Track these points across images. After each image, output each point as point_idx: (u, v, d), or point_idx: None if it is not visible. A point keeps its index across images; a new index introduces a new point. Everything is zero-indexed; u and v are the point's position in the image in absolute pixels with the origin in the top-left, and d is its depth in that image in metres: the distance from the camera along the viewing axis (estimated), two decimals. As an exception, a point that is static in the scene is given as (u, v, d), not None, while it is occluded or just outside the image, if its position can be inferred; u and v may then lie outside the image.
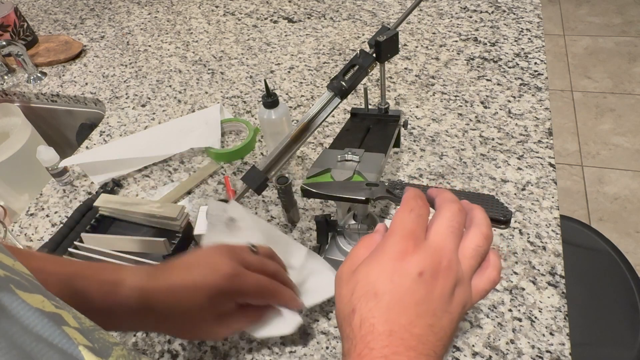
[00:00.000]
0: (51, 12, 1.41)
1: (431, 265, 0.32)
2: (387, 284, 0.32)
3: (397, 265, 0.32)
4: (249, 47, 1.11)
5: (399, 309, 0.31)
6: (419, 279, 0.32)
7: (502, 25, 1.04)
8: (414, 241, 0.33)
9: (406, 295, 0.31)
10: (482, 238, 0.34)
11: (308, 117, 0.55)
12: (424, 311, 0.31)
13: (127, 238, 0.67)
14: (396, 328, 0.31)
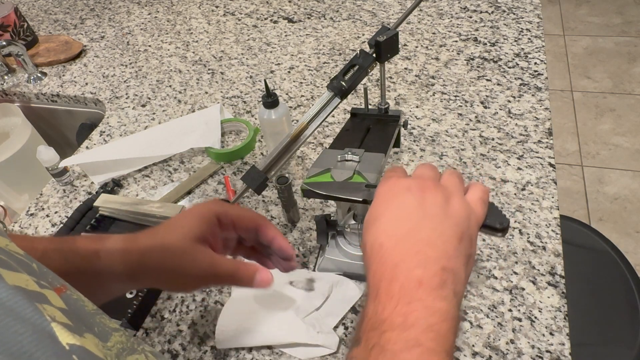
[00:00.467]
0: (51, 12, 1.41)
1: (417, 183, 0.36)
2: (384, 207, 0.35)
3: (389, 191, 0.36)
4: (249, 47, 1.11)
5: (396, 222, 0.34)
6: (408, 192, 0.35)
7: (502, 25, 1.04)
8: (402, 174, 0.39)
9: (401, 208, 0.34)
10: (456, 176, 0.39)
11: (308, 117, 0.55)
12: (423, 216, 0.33)
13: (127, 238, 0.67)
14: (400, 238, 0.33)
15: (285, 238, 0.48)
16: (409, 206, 0.35)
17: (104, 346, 0.25)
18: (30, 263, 0.26)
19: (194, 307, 0.61)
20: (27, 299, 0.21)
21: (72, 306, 0.27)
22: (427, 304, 0.29)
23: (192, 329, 0.59)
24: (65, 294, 0.27)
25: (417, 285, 0.30)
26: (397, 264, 0.31)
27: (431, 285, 0.30)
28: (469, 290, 0.58)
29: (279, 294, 0.58)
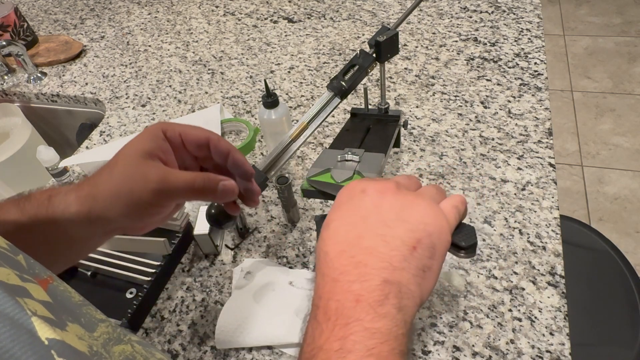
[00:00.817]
0: (51, 12, 1.41)
1: (376, 185, 0.34)
2: (337, 211, 0.34)
3: (346, 194, 0.35)
4: (249, 47, 1.11)
5: (347, 227, 0.32)
6: (362, 194, 0.33)
7: (502, 25, 1.04)
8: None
9: (352, 213, 0.32)
10: (436, 187, 0.37)
11: (308, 117, 0.55)
12: (373, 223, 0.31)
13: (127, 238, 0.67)
14: (345, 246, 0.30)
15: (241, 154, 0.42)
16: (363, 210, 0.32)
17: (90, 336, 0.25)
18: (15, 256, 0.25)
19: (194, 307, 0.61)
20: (7, 293, 0.20)
21: (59, 297, 0.27)
22: (365, 324, 0.26)
23: (192, 329, 0.59)
24: (52, 284, 0.27)
25: (354, 303, 0.27)
26: (337, 278, 0.29)
27: (369, 302, 0.27)
28: (469, 290, 0.58)
29: (279, 294, 0.58)
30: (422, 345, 0.54)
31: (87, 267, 0.66)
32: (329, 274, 0.29)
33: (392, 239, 0.29)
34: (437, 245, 0.31)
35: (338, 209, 0.34)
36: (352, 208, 0.33)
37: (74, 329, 0.23)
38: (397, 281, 0.28)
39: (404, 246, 0.29)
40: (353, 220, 0.32)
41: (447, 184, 0.71)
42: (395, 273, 0.28)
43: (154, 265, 0.63)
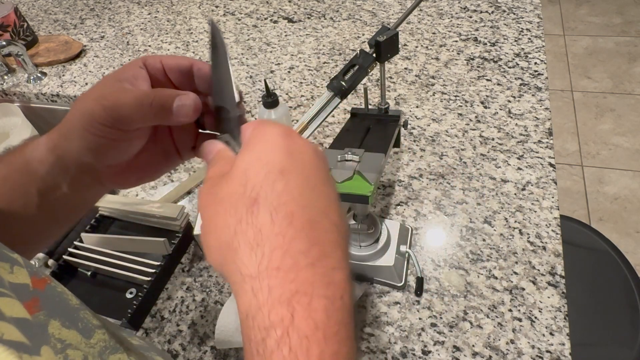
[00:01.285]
0: (51, 12, 1.41)
1: (314, 146, 0.29)
2: (289, 160, 0.26)
3: (289, 140, 0.27)
4: (249, 47, 1.11)
5: (311, 190, 0.25)
6: (315, 155, 0.27)
7: (502, 25, 1.04)
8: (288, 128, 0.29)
9: (311, 173, 0.26)
10: None
11: (308, 117, 0.55)
12: (330, 190, 0.27)
13: (127, 238, 0.67)
14: (315, 215, 0.24)
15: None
16: (320, 172, 0.28)
17: (87, 344, 0.24)
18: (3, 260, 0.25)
19: (194, 307, 0.61)
20: None
21: (56, 299, 0.26)
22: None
23: (192, 329, 0.59)
24: (50, 285, 0.27)
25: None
26: (313, 264, 0.24)
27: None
28: (469, 290, 0.58)
29: None
30: (422, 345, 0.54)
31: (87, 267, 0.67)
32: (302, 247, 0.25)
33: (338, 205, 0.29)
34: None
35: (290, 157, 0.27)
36: (311, 167, 0.28)
37: (48, 353, 0.22)
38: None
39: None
40: (314, 182, 0.28)
41: (447, 184, 0.71)
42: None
43: (154, 265, 0.63)
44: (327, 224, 0.25)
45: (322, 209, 0.25)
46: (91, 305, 0.64)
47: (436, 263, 0.62)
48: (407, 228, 0.65)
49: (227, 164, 0.28)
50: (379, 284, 0.60)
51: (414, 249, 0.64)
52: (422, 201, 0.70)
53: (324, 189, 0.26)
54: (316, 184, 0.26)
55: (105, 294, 0.64)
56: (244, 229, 0.23)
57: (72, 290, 0.67)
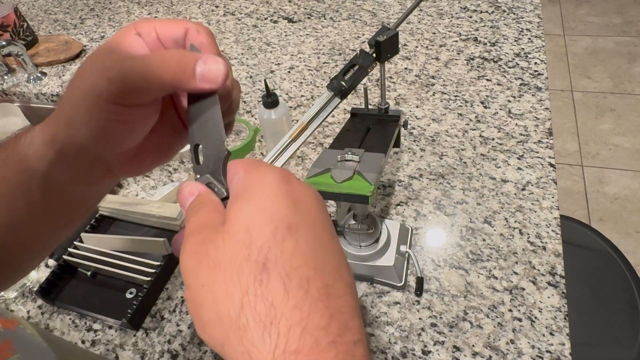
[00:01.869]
0: (51, 12, 1.41)
1: (313, 189, 0.26)
2: (295, 212, 0.22)
3: (290, 187, 0.23)
4: (249, 47, 1.11)
5: (322, 247, 0.22)
6: (318, 202, 0.24)
7: (502, 25, 1.04)
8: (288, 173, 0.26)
9: (319, 225, 0.23)
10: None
11: (308, 117, 0.55)
12: (337, 243, 0.24)
13: (127, 238, 0.67)
14: (329, 278, 0.21)
15: (218, 51, 0.31)
16: (327, 224, 0.25)
17: None
18: None
19: (193, 307, 0.61)
20: None
21: (28, 340, 0.25)
22: None
23: (192, 329, 0.59)
24: (20, 327, 0.26)
25: None
26: (335, 342, 0.21)
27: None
28: (469, 290, 0.58)
29: None
30: (422, 345, 0.54)
31: (87, 267, 0.66)
32: (321, 323, 0.21)
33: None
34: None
35: (295, 208, 0.24)
36: (319, 218, 0.25)
37: None
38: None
39: None
40: (324, 238, 0.25)
41: (447, 184, 0.71)
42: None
43: (154, 265, 0.63)
44: (342, 287, 0.22)
45: (335, 268, 0.22)
46: (91, 306, 0.64)
47: (436, 263, 0.62)
48: (407, 228, 0.65)
49: (215, 214, 0.24)
50: (379, 284, 0.60)
51: (414, 249, 0.64)
52: (422, 201, 0.70)
53: (333, 243, 0.23)
54: (326, 238, 0.23)
55: (105, 294, 0.64)
56: (253, 302, 0.20)
57: (72, 290, 0.68)
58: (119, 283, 0.65)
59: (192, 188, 0.26)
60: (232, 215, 0.22)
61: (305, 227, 0.22)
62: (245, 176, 0.24)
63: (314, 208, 0.24)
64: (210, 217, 0.24)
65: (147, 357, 0.57)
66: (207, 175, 0.27)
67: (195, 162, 0.29)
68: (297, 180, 0.25)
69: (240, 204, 0.23)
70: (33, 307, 0.64)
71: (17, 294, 0.66)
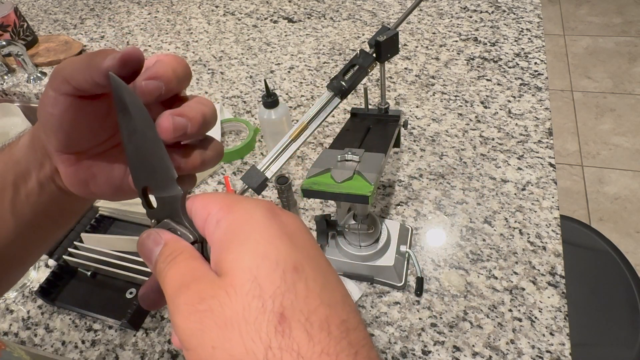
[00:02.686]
0: (51, 12, 1.41)
1: (299, 218, 0.24)
2: (295, 249, 0.21)
3: (279, 221, 0.22)
4: (249, 47, 1.11)
5: (327, 281, 0.21)
6: (305, 229, 0.23)
7: (502, 25, 1.04)
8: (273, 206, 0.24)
9: (317, 256, 0.22)
10: None
11: (308, 117, 0.55)
12: (333, 268, 0.23)
13: (127, 238, 0.67)
14: (342, 311, 0.21)
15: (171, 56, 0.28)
16: (323, 256, 0.24)
17: None
18: None
19: (193, 307, 0.61)
20: None
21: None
22: None
23: (192, 329, 0.59)
24: (6, 351, 0.25)
25: None
26: None
27: None
28: (469, 290, 0.58)
29: None
30: (422, 345, 0.54)
31: (87, 267, 0.66)
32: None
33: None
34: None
35: (292, 244, 0.22)
36: (317, 251, 0.24)
37: None
38: None
39: None
40: (326, 270, 0.23)
41: (447, 184, 0.71)
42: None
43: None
44: (354, 318, 0.21)
45: (343, 298, 0.21)
46: (91, 306, 0.64)
47: (436, 263, 0.62)
48: (407, 228, 0.65)
49: (197, 263, 0.22)
50: (379, 284, 0.60)
51: (414, 249, 0.64)
52: (422, 201, 0.70)
53: (332, 271, 0.22)
54: (327, 270, 0.22)
55: (105, 294, 0.64)
56: (278, 355, 0.18)
57: (72, 290, 0.68)
58: (119, 283, 0.65)
59: (156, 237, 0.24)
60: (230, 265, 0.20)
61: (309, 264, 0.21)
62: (228, 217, 0.22)
63: (307, 239, 0.22)
64: (194, 267, 0.22)
65: (147, 357, 0.57)
66: (166, 220, 0.25)
67: (146, 207, 0.26)
68: (282, 211, 0.23)
69: (236, 251, 0.21)
70: (33, 307, 0.64)
71: (17, 294, 0.66)
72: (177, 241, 0.24)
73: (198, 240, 0.24)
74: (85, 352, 0.58)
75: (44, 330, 0.61)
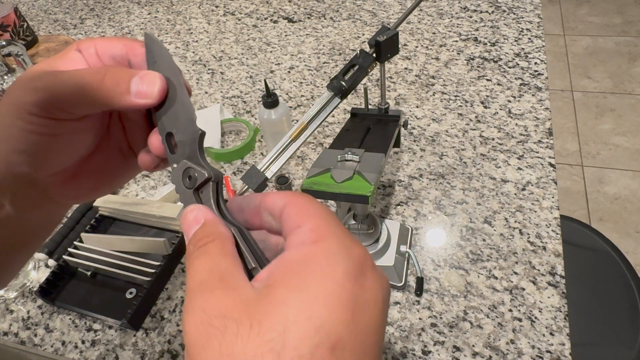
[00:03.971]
0: (51, 12, 1.41)
1: (387, 284, 0.21)
2: (348, 327, 0.18)
3: (358, 286, 0.19)
4: (249, 47, 1.11)
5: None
6: (384, 308, 0.20)
7: (502, 25, 1.04)
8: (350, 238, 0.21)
9: (373, 347, 0.19)
10: None
11: (308, 117, 0.55)
12: (380, 349, 0.20)
13: (127, 238, 0.67)
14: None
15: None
16: (380, 331, 0.21)
17: None
18: None
19: (193, 307, 0.61)
20: None
21: None
22: None
23: (192, 329, 0.59)
24: None
25: None
26: None
27: None
28: (469, 290, 0.58)
29: None
30: (422, 346, 0.54)
31: (87, 267, 0.66)
32: None
33: None
34: None
35: (343, 317, 0.18)
36: (371, 328, 0.20)
37: None
38: None
39: None
40: (373, 350, 0.20)
41: (447, 184, 0.71)
42: None
43: (154, 265, 0.63)
44: None
45: None
46: (91, 306, 0.64)
47: (436, 263, 0.62)
48: (407, 228, 0.65)
49: (227, 264, 0.20)
50: (379, 284, 0.60)
51: (414, 249, 0.64)
52: (422, 201, 0.70)
53: (378, 349, 0.19)
54: (374, 351, 0.19)
55: (105, 294, 0.64)
56: None
57: (72, 290, 0.68)
58: (119, 283, 0.65)
59: (198, 214, 0.23)
60: (274, 299, 0.18)
61: (353, 347, 0.18)
62: (312, 248, 0.19)
63: (374, 318, 0.19)
64: (224, 270, 0.20)
65: (147, 357, 0.57)
66: (184, 160, 0.26)
67: (169, 153, 0.27)
68: (372, 271, 0.20)
69: (290, 290, 0.18)
70: (33, 307, 0.64)
71: (17, 294, 0.66)
72: (214, 225, 0.23)
73: (213, 180, 0.25)
74: (85, 352, 0.58)
75: (44, 330, 0.61)
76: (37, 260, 0.70)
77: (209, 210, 0.24)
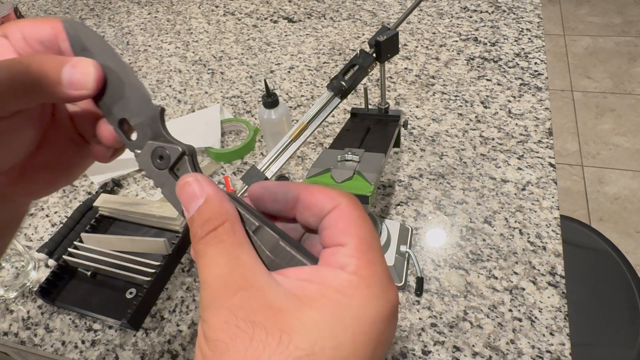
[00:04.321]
0: (51, 12, 1.41)
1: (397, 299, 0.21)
2: (363, 358, 0.18)
3: (385, 328, 0.20)
4: (249, 47, 1.11)
5: None
6: (392, 319, 0.20)
7: (502, 25, 1.04)
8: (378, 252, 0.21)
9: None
10: None
11: (308, 117, 0.55)
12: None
13: (127, 238, 0.67)
14: None
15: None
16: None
17: None
18: None
19: (193, 307, 0.61)
20: None
21: None
22: None
23: (192, 329, 0.59)
24: None
25: None
26: None
27: None
28: (469, 290, 0.58)
29: None
30: (422, 346, 0.54)
31: (87, 267, 0.66)
32: None
33: None
34: None
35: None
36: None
37: None
38: None
39: None
40: None
41: (447, 184, 0.71)
42: None
43: (154, 265, 0.63)
44: None
45: None
46: (91, 306, 0.64)
47: (436, 263, 0.62)
48: (407, 228, 0.65)
49: (246, 256, 0.20)
50: (379, 284, 0.60)
51: (414, 249, 0.64)
52: (422, 201, 0.70)
53: None
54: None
55: (105, 294, 0.64)
56: None
57: (72, 290, 0.68)
58: (119, 283, 0.65)
59: (198, 187, 0.21)
60: (303, 319, 0.18)
61: None
62: (352, 281, 0.19)
63: (387, 348, 0.20)
64: (242, 263, 0.19)
65: (147, 357, 0.57)
66: (150, 142, 0.24)
67: (126, 140, 0.25)
68: (397, 314, 0.20)
69: (324, 315, 0.18)
70: (33, 307, 0.64)
71: (17, 294, 0.66)
72: (220, 202, 0.21)
73: (188, 153, 0.23)
74: (85, 352, 0.58)
75: (44, 330, 0.61)
76: (37, 261, 0.70)
77: (208, 180, 0.22)
